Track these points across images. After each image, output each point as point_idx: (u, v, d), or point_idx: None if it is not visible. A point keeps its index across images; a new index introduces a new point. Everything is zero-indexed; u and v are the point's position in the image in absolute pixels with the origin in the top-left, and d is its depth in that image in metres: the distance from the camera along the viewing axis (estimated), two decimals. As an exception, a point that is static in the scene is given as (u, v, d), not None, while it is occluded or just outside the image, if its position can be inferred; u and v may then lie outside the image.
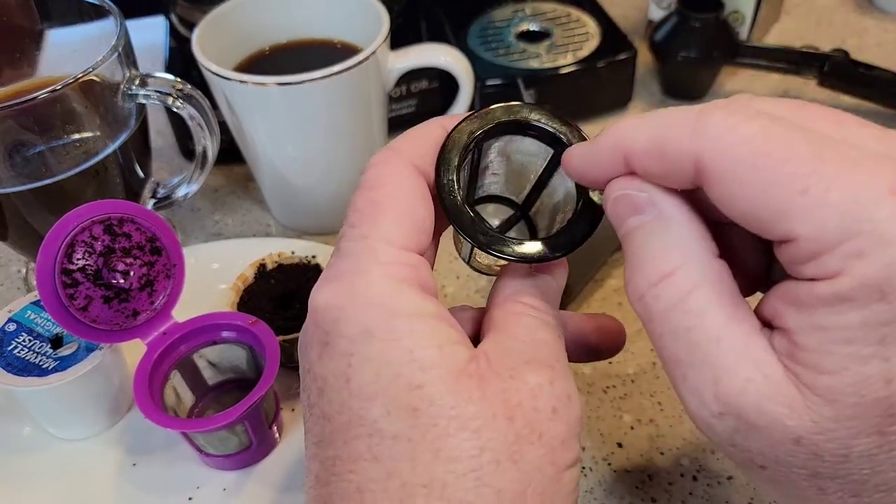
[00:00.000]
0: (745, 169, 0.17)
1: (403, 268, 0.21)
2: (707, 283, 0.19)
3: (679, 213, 0.20)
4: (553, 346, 0.22)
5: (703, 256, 0.19)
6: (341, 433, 0.20)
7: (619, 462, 0.33)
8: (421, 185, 0.22)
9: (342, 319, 0.20)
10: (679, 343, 0.19)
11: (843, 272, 0.16)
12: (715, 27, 0.51)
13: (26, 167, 0.35)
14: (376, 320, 0.20)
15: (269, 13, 0.43)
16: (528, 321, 0.22)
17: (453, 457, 0.19)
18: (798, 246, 0.17)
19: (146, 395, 0.29)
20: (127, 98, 0.37)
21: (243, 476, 0.32)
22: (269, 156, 0.41)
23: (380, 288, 0.20)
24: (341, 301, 0.20)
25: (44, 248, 0.28)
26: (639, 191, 0.20)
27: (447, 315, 0.21)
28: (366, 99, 0.40)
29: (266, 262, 0.38)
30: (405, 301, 0.20)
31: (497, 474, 0.19)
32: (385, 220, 0.21)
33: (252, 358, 0.33)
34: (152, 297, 0.31)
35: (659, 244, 0.19)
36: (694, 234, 0.19)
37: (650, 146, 0.19)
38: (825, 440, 0.17)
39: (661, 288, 0.19)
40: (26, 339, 0.32)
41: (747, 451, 0.19)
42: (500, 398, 0.19)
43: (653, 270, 0.19)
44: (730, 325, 0.18)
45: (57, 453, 0.33)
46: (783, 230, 0.17)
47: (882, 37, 0.60)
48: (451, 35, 0.53)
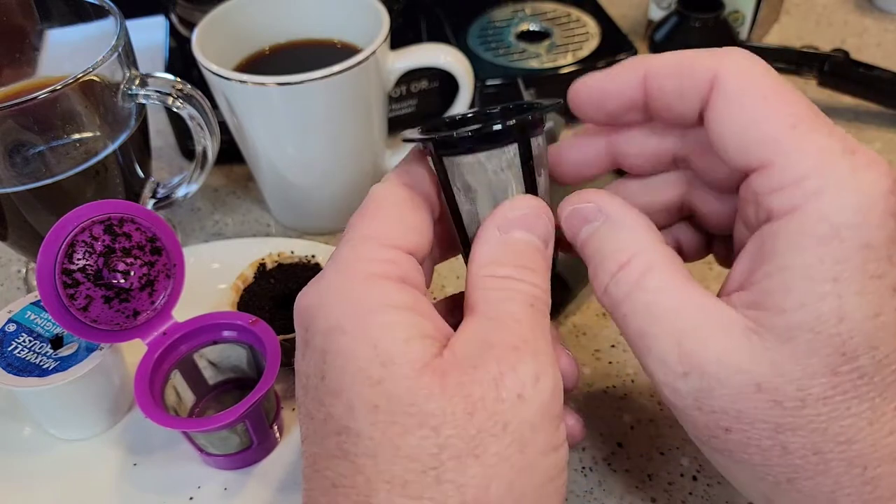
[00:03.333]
0: (754, 92, 0.20)
1: (383, 263, 0.21)
2: (659, 265, 0.21)
3: (624, 213, 0.22)
4: (521, 321, 0.21)
5: (652, 244, 0.21)
6: (319, 430, 0.20)
7: (619, 462, 0.33)
8: (410, 195, 0.23)
9: (318, 316, 0.21)
10: (641, 318, 0.21)
11: (802, 207, 0.19)
12: (715, 27, 0.51)
13: (26, 167, 0.35)
14: (347, 315, 0.20)
15: (269, 13, 0.43)
16: (496, 295, 0.21)
17: (413, 455, 0.19)
18: (770, 174, 0.19)
19: (147, 394, 0.29)
20: (127, 98, 0.37)
21: (244, 475, 0.32)
22: (269, 156, 0.41)
23: (355, 284, 0.21)
24: (319, 299, 0.21)
25: (44, 248, 0.28)
26: (586, 203, 0.22)
27: (424, 307, 0.21)
28: (366, 99, 0.40)
29: (266, 261, 0.38)
30: (377, 295, 0.20)
31: (458, 471, 0.19)
32: (370, 222, 0.22)
33: (252, 357, 0.33)
34: (153, 297, 0.31)
35: (612, 241, 0.22)
36: (641, 227, 0.22)
37: (673, 64, 0.21)
38: (783, 381, 0.19)
39: (620, 276, 0.21)
40: (26, 339, 0.32)
41: (711, 413, 0.20)
42: (461, 393, 0.19)
43: (611, 263, 0.21)
44: (685, 295, 0.20)
45: (57, 453, 0.33)
46: (764, 155, 0.19)
47: (882, 37, 0.60)
48: (451, 35, 0.53)
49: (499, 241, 0.22)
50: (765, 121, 0.19)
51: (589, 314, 0.40)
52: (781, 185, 0.19)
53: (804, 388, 0.18)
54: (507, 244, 0.22)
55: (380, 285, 0.20)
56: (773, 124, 0.19)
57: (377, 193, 0.23)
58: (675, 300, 0.20)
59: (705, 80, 0.20)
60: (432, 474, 0.19)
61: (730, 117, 0.20)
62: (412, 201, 0.23)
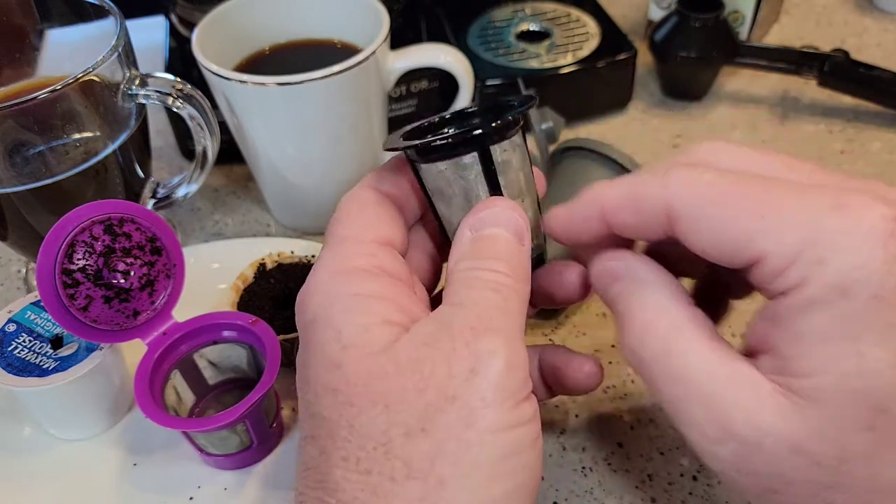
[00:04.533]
0: (710, 206, 0.20)
1: (359, 257, 0.23)
2: (686, 327, 0.21)
3: (652, 273, 0.22)
4: (480, 303, 0.21)
5: (678, 306, 0.21)
6: (302, 416, 0.22)
7: (619, 462, 0.33)
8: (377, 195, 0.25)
9: (300, 311, 0.23)
10: (669, 383, 0.20)
11: (807, 279, 0.18)
12: (715, 27, 0.51)
13: (26, 167, 0.35)
14: (320, 306, 0.22)
15: (269, 13, 0.43)
16: (461, 284, 0.22)
17: (365, 433, 0.20)
18: (765, 264, 0.19)
19: (147, 394, 0.29)
20: (127, 98, 0.37)
21: (244, 475, 0.32)
22: (269, 156, 0.41)
23: (329, 278, 0.22)
24: (302, 297, 0.23)
25: (44, 248, 0.28)
26: (616, 261, 0.23)
27: (395, 294, 0.22)
28: (366, 99, 0.40)
29: (266, 261, 0.38)
30: (346, 285, 0.22)
31: (406, 446, 0.19)
32: (343, 224, 0.24)
33: (252, 357, 0.33)
34: (153, 297, 0.31)
35: (639, 302, 0.22)
36: (668, 288, 0.22)
37: (625, 199, 0.21)
38: (819, 442, 0.18)
39: (647, 338, 0.21)
40: (26, 339, 0.32)
41: (754, 475, 0.19)
42: (414, 370, 0.20)
43: (638, 325, 0.21)
44: (713, 358, 0.20)
45: (57, 453, 0.33)
46: (750, 254, 0.19)
47: (882, 37, 0.60)
48: (451, 35, 0.53)
49: (469, 240, 0.23)
50: (734, 229, 0.19)
51: (589, 314, 0.40)
52: (778, 271, 0.19)
53: (843, 448, 0.18)
54: (475, 241, 0.23)
55: (351, 276, 0.22)
56: (744, 228, 0.19)
57: (345, 201, 0.25)
58: (702, 364, 0.20)
59: (661, 214, 0.21)
60: (382, 450, 0.20)
61: (699, 240, 0.20)
62: (379, 202, 0.24)
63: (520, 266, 0.23)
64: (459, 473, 0.19)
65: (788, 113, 0.53)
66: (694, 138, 0.51)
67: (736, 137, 0.51)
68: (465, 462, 0.19)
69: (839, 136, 0.51)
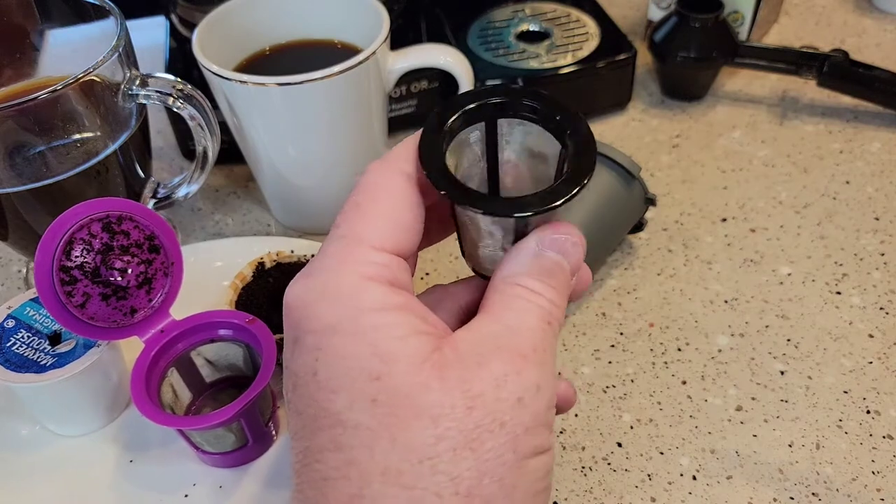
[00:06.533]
0: None
1: (374, 266, 0.21)
2: None
3: None
4: (536, 332, 0.21)
5: None
6: (310, 425, 0.21)
7: (619, 462, 0.33)
8: (406, 190, 0.23)
9: (310, 316, 0.21)
10: None
11: None
12: (714, 27, 0.51)
13: (26, 167, 0.35)
14: (341, 315, 0.21)
15: (269, 13, 0.43)
16: (518, 304, 0.22)
17: (409, 446, 0.19)
18: None
19: (143, 392, 0.29)
20: (127, 98, 0.37)
21: (239, 473, 0.32)
22: (270, 156, 0.41)
23: (347, 284, 0.21)
24: (310, 297, 0.21)
25: (42, 244, 0.28)
26: None
27: (416, 306, 0.22)
28: (366, 99, 0.40)
29: (264, 260, 0.38)
30: (370, 296, 0.21)
31: (453, 462, 0.19)
32: (364, 220, 0.22)
33: (249, 356, 0.33)
34: (150, 295, 0.31)
35: None
36: None
37: None
38: None
39: None
40: (25, 335, 0.32)
41: None
42: (461, 388, 0.20)
43: None
44: None
45: (54, 450, 0.33)
46: None
47: (882, 37, 0.60)
48: (451, 35, 0.54)
49: (534, 254, 0.22)
50: None
51: (589, 314, 0.40)
52: None
53: None
54: (540, 259, 0.22)
55: (372, 288, 0.21)
56: None
57: (372, 181, 0.23)
58: None
59: None
60: (428, 464, 0.19)
61: None
62: (407, 196, 0.22)
63: (566, 301, 0.23)
64: (503, 494, 0.20)
65: (788, 113, 0.53)
66: (693, 138, 0.51)
67: (735, 137, 0.51)
68: (508, 482, 0.20)
69: (838, 136, 0.51)
